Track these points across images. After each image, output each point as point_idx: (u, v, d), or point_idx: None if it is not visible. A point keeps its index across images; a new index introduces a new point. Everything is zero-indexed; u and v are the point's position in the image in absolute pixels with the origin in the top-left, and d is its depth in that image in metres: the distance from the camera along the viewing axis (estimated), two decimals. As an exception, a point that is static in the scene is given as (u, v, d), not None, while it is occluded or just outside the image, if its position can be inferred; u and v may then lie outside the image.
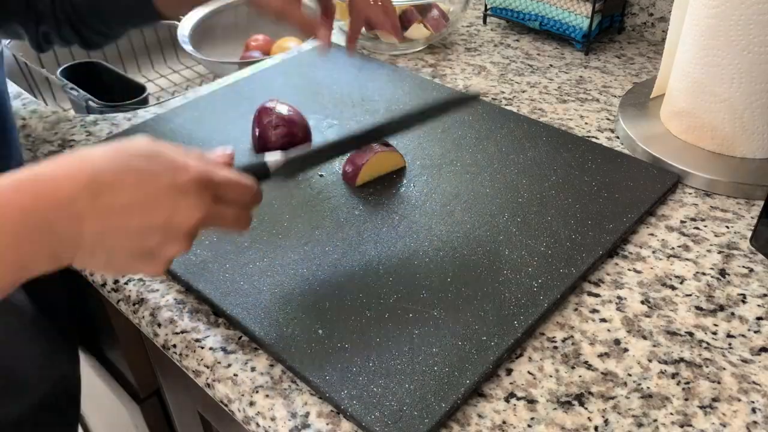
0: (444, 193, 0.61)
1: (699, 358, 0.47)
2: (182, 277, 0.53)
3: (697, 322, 0.50)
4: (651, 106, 0.72)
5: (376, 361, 0.45)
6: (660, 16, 0.90)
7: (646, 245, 0.57)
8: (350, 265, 0.53)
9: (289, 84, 0.79)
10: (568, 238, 0.55)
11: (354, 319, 0.48)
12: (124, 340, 0.71)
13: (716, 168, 0.63)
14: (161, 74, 1.17)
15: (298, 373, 0.45)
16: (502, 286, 0.51)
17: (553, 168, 0.64)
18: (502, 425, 0.43)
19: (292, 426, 0.43)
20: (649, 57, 0.87)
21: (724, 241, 0.57)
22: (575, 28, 0.87)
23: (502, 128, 0.70)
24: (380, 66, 0.83)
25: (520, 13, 0.92)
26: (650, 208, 0.59)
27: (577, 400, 0.44)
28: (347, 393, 0.43)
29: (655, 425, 0.43)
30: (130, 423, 0.84)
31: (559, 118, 0.74)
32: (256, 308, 0.49)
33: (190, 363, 0.49)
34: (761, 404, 0.44)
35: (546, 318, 0.50)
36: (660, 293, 0.52)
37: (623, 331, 0.49)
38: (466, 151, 0.66)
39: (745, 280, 0.53)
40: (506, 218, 0.57)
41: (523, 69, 0.84)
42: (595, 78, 0.82)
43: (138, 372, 0.74)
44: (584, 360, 0.47)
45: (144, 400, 0.78)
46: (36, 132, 0.74)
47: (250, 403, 0.45)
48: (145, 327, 0.52)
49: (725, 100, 0.62)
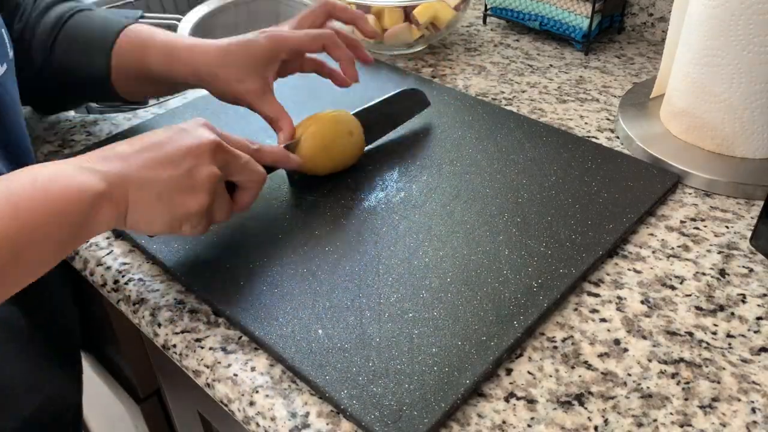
0: (444, 193, 0.61)
1: (699, 358, 0.47)
2: (182, 277, 0.53)
3: (697, 322, 0.50)
4: (651, 106, 0.72)
5: (376, 361, 0.45)
6: (660, 16, 0.90)
7: (646, 245, 0.57)
8: (350, 265, 0.53)
9: (289, 84, 0.79)
10: (568, 238, 0.55)
11: (354, 319, 0.48)
12: (124, 340, 0.71)
13: (716, 168, 0.63)
14: (161, 74, 1.17)
15: (298, 373, 0.45)
16: (502, 286, 0.51)
17: (553, 168, 0.64)
18: (502, 425, 0.43)
19: (292, 426, 0.43)
20: (649, 57, 0.87)
21: (724, 241, 0.57)
22: (575, 28, 0.87)
23: (502, 128, 0.70)
24: (380, 66, 0.83)
25: (520, 13, 0.92)
26: (650, 208, 0.59)
27: (577, 400, 0.44)
28: (347, 393, 0.43)
29: (655, 425, 0.43)
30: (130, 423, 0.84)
31: (559, 118, 0.74)
32: (256, 308, 0.49)
33: (190, 363, 0.49)
34: (761, 404, 0.44)
35: (546, 318, 0.50)
36: (660, 293, 0.52)
37: (623, 331, 0.49)
38: (466, 151, 0.66)
39: (745, 280, 0.53)
40: (506, 218, 0.57)
41: (523, 69, 0.84)
42: (595, 78, 0.82)
43: (138, 372, 0.74)
44: (584, 360, 0.47)
45: (144, 400, 0.78)
46: (36, 132, 0.74)
47: (250, 403, 0.45)
48: (145, 327, 0.52)
49: (725, 100, 0.62)
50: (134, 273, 0.55)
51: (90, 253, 0.57)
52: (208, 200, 0.48)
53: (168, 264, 0.54)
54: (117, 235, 0.59)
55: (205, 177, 0.47)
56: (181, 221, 0.47)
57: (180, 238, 0.56)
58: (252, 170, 0.52)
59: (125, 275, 0.55)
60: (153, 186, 0.45)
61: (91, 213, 0.43)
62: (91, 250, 0.58)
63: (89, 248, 0.58)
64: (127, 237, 0.57)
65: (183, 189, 0.46)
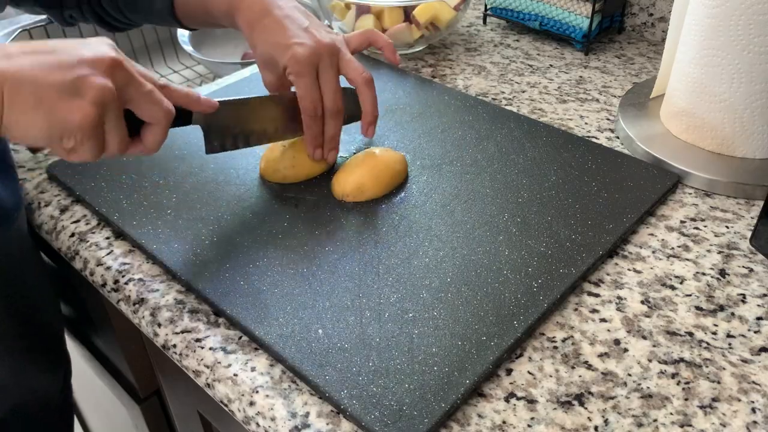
0: (444, 193, 0.61)
1: (699, 358, 0.47)
2: (182, 277, 0.53)
3: (697, 322, 0.50)
4: (651, 106, 0.72)
5: (376, 361, 0.45)
6: (660, 16, 0.90)
7: (646, 245, 0.57)
8: (350, 265, 0.53)
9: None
10: (568, 238, 0.55)
11: (354, 319, 0.48)
12: (124, 340, 0.71)
13: (716, 168, 0.63)
14: (161, 74, 1.17)
15: (298, 373, 0.45)
16: (502, 286, 0.51)
17: (553, 168, 0.64)
18: (502, 425, 0.43)
19: (292, 426, 0.43)
20: (649, 57, 0.87)
21: (724, 241, 0.57)
22: (575, 28, 0.87)
23: (502, 128, 0.70)
24: (380, 66, 0.83)
25: (520, 13, 0.92)
26: (650, 208, 0.59)
27: (577, 400, 0.44)
28: (347, 393, 0.43)
29: (655, 425, 0.43)
30: (130, 423, 0.84)
31: (559, 118, 0.74)
32: (256, 308, 0.49)
33: (190, 363, 0.49)
34: (761, 404, 0.44)
35: (546, 318, 0.50)
36: (660, 293, 0.52)
37: (623, 331, 0.49)
38: (466, 151, 0.66)
39: (745, 280, 0.53)
40: (506, 218, 0.57)
41: (523, 69, 0.84)
42: (595, 78, 0.82)
43: (138, 372, 0.74)
44: (584, 360, 0.47)
45: (144, 400, 0.78)
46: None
47: (250, 403, 0.45)
48: (145, 327, 0.52)
49: (725, 100, 0.62)
50: (134, 273, 0.55)
51: (90, 253, 0.57)
52: (95, 114, 0.43)
53: (168, 264, 0.54)
54: (117, 235, 0.59)
55: (95, 87, 0.42)
56: (62, 133, 0.42)
57: (180, 238, 0.56)
58: (155, 102, 0.47)
59: (125, 275, 0.55)
60: (33, 87, 0.41)
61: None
62: (91, 250, 0.58)
63: (89, 248, 0.58)
64: (128, 237, 0.57)
65: (67, 96, 0.42)
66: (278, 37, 0.58)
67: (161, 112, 0.47)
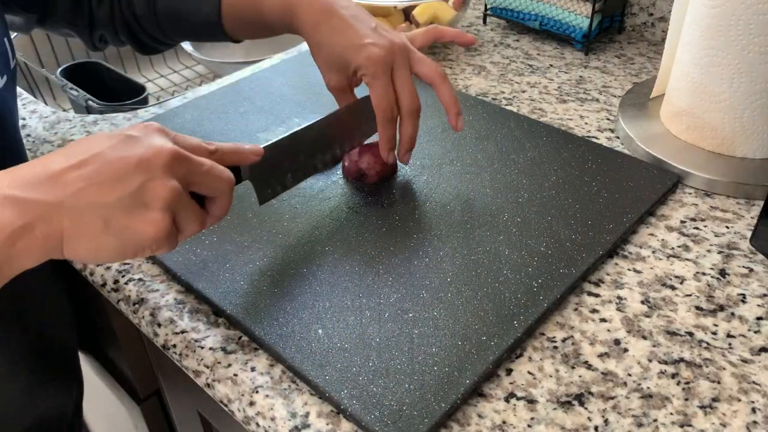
0: (444, 193, 0.61)
1: (699, 358, 0.47)
2: (182, 277, 0.53)
3: (697, 322, 0.50)
4: (651, 106, 0.72)
5: (376, 361, 0.45)
6: (660, 16, 0.90)
7: (646, 245, 0.57)
8: (350, 265, 0.53)
9: (289, 84, 0.79)
10: (568, 238, 0.55)
11: (354, 319, 0.48)
12: (124, 340, 0.71)
13: (716, 168, 0.63)
14: (161, 74, 1.17)
15: (298, 373, 0.45)
16: (502, 286, 0.51)
17: (553, 168, 0.64)
18: (502, 425, 0.43)
19: (292, 426, 0.43)
20: (649, 57, 0.87)
21: (724, 241, 0.57)
22: (575, 28, 0.87)
23: (502, 128, 0.70)
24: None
25: (520, 13, 0.92)
26: (650, 208, 0.59)
27: (577, 400, 0.44)
28: (347, 393, 0.43)
29: (655, 425, 0.43)
30: (130, 423, 0.84)
31: (559, 118, 0.74)
32: (256, 308, 0.49)
33: (190, 363, 0.49)
34: (761, 404, 0.44)
35: (546, 318, 0.50)
36: (660, 293, 0.52)
37: (623, 331, 0.49)
38: (466, 151, 0.66)
39: (745, 280, 0.53)
40: (506, 218, 0.57)
41: (523, 69, 0.84)
42: (595, 78, 0.82)
43: (138, 372, 0.74)
44: (584, 360, 0.47)
45: (144, 400, 0.78)
46: (36, 132, 0.74)
47: (250, 403, 0.45)
48: (145, 327, 0.52)
49: (725, 100, 0.62)
50: (134, 273, 0.55)
51: (90, 253, 0.57)
52: (167, 221, 0.39)
53: (168, 264, 0.54)
54: (117, 235, 0.59)
55: (161, 194, 0.39)
56: (136, 249, 0.40)
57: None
58: (217, 176, 0.44)
59: (125, 275, 0.55)
60: (96, 211, 0.37)
61: (10, 252, 0.36)
62: (91, 250, 0.58)
63: (89, 248, 0.58)
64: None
65: (134, 209, 0.38)
66: (349, 38, 0.56)
67: (223, 184, 0.44)
